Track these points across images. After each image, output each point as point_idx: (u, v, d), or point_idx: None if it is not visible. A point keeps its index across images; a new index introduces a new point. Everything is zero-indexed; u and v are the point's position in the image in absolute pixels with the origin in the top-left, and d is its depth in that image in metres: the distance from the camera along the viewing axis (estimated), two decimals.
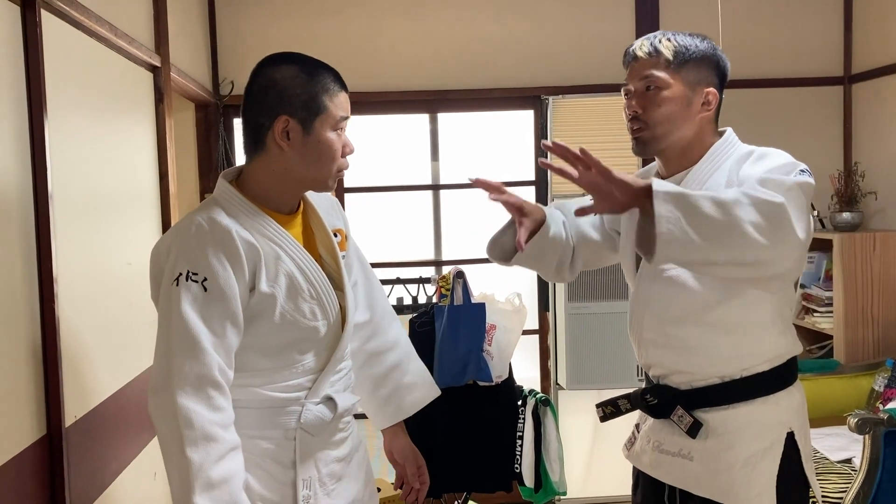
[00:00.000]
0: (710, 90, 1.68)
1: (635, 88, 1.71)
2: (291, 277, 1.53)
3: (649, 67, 1.68)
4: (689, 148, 1.70)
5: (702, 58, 1.68)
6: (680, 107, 1.67)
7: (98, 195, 2.14)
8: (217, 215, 1.48)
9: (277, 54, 1.57)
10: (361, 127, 3.92)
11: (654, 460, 1.77)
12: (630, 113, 1.72)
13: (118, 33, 2.24)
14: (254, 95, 1.54)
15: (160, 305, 1.47)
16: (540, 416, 3.14)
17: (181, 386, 1.39)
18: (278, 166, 1.53)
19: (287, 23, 3.73)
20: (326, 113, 1.52)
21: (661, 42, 1.68)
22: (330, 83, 1.55)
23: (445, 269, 3.75)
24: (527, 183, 3.96)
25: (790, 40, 3.93)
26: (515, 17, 3.83)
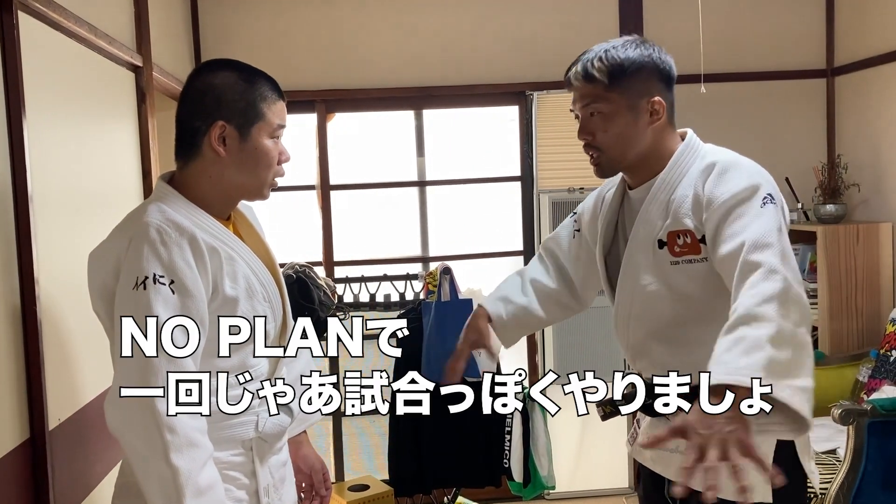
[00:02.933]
0: (654, 99, 1.65)
1: (580, 115, 1.70)
2: (248, 280, 1.52)
3: (587, 93, 1.66)
4: (650, 158, 1.68)
5: (638, 69, 1.64)
6: (627, 125, 1.65)
7: (80, 195, 2.13)
8: (174, 217, 1.45)
9: (216, 60, 1.55)
10: (346, 124, 3.91)
11: (653, 455, 1.78)
12: (582, 140, 1.71)
13: (98, 34, 2.23)
14: (190, 99, 1.52)
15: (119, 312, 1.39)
16: (528, 411, 3.15)
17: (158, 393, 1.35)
18: (214, 172, 1.51)
19: (270, 21, 3.72)
20: (264, 120, 1.51)
21: (592, 65, 1.65)
22: (268, 91, 1.53)
23: (432, 265, 3.75)
24: (512, 178, 3.97)
25: (773, 33, 3.94)
26: (500, 13, 3.83)
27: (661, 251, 1.64)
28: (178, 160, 1.54)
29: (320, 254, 3.86)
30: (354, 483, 3.21)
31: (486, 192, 4.01)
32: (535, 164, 3.82)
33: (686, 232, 1.61)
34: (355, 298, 3.28)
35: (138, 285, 1.38)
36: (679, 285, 1.64)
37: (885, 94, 3.57)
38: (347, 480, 3.30)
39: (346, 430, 3.55)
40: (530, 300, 1.98)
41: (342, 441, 3.55)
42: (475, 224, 4.03)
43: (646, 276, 1.67)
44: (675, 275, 1.63)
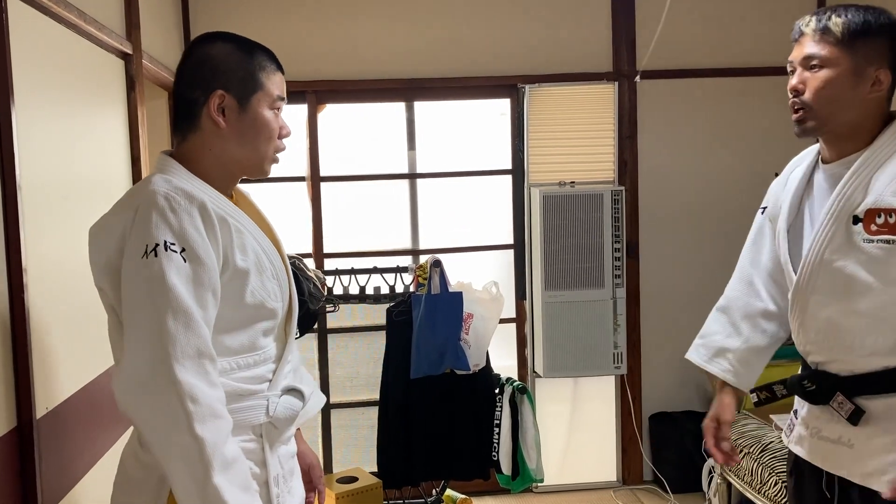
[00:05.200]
0: (881, 70, 1.57)
1: (799, 66, 1.62)
2: (257, 254, 1.47)
3: (814, 44, 1.59)
4: (855, 131, 1.60)
5: (876, 34, 1.56)
6: (845, 88, 1.57)
7: (68, 183, 2.11)
8: (182, 185, 1.40)
9: (212, 32, 1.52)
10: (337, 115, 3.90)
11: (812, 447, 1.72)
12: (790, 91, 1.63)
13: (87, 19, 2.21)
14: (187, 71, 1.48)
15: (130, 282, 1.33)
16: (517, 404, 3.15)
17: (180, 361, 1.28)
18: (215, 146, 1.46)
19: (261, 10, 3.70)
20: (263, 90, 1.47)
21: (830, 18, 1.58)
22: (266, 61, 1.49)
23: (423, 258, 3.74)
24: (503, 172, 3.96)
25: (764, 28, 3.94)
26: (491, 5, 3.82)
27: (856, 227, 1.57)
28: (175, 135, 1.49)
29: (310, 245, 3.85)
30: (343, 475, 3.20)
31: (477, 186, 4.00)
32: (526, 158, 3.82)
33: (890, 211, 1.52)
34: (345, 291, 3.27)
35: (148, 253, 1.31)
36: (868, 264, 1.56)
37: None
38: (336, 473, 3.30)
39: (335, 422, 3.55)
40: (748, 336, 1.88)
41: (331, 433, 3.54)
42: (466, 217, 4.03)
43: (833, 251, 1.60)
44: (868, 253, 1.56)
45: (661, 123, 3.93)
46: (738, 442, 3.20)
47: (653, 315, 3.98)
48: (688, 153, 3.96)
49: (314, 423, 3.56)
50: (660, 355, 4.00)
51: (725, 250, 4.08)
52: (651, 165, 3.93)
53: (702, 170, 3.95)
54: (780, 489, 2.85)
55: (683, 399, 4.02)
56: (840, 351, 1.64)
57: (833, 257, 1.60)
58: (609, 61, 3.88)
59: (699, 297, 4.02)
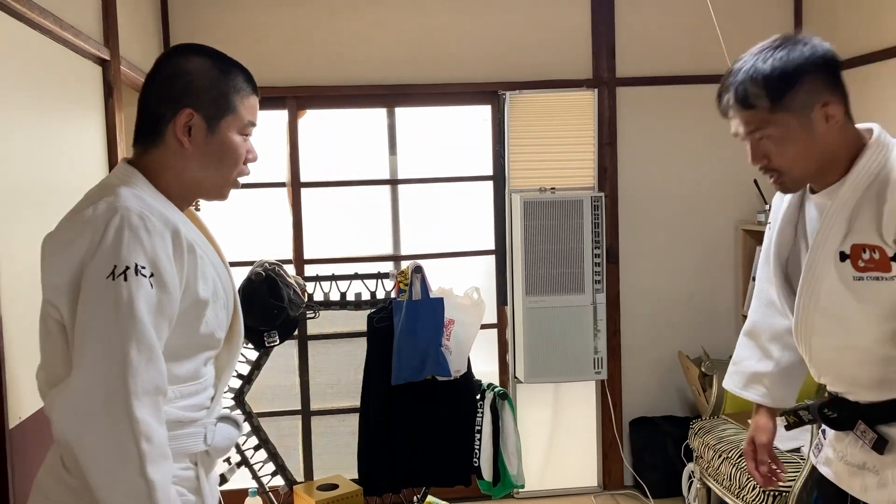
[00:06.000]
0: (826, 104, 1.49)
1: (747, 139, 1.55)
2: (215, 283, 1.43)
3: (749, 121, 1.52)
4: (833, 164, 1.54)
5: (799, 78, 1.48)
6: (804, 142, 1.50)
7: (44, 189, 2.09)
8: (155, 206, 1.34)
9: (190, 44, 1.46)
10: (318, 121, 3.89)
11: (839, 471, 1.69)
12: (756, 165, 1.57)
13: (64, 25, 2.19)
14: (157, 83, 1.40)
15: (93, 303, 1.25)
16: (498, 409, 3.16)
17: (139, 397, 1.22)
18: (177, 164, 1.40)
19: (242, 16, 3.68)
20: (235, 114, 1.41)
21: (747, 90, 1.50)
22: (242, 83, 1.44)
23: (404, 263, 3.74)
24: (484, 178, 3.97)
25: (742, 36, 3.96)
26: (472, 12, 3.83)
27: (843, 264, 1.51)
28: (136, 146, 1.42)
29: (290, 252, 3.83)
30: (323, 482, 3.19)
31: (459, 192, 4.01)
32: (507, 164, 3.83)
33: (874, 247, 1.48)
34: (326, 297, 3.26)
35: (116, 275, 1.25)
36: (864, 301, 1.51)
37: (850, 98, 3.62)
38: (316, 480, 3.28)
39: (316, 429, 3.53)
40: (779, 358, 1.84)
41: (311, 440, 3.53)
42: (447, 223, 4.03)
43: (827, 289, 1.55)
44: (860, 291, 1.51)
45: (640, 130, 3.95)
46: (717, 447, 3.22)
47: (633, 320, 3.99)
48: (667, 159, 3.99)
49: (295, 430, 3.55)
50: (640, 360, 4.02)
51: (705, 255, 4.12)
52: (631, 172, 3.95)
53: (681, 176, 3.98)
54: (757, 493, 2.87)
55: (664, 404, 4.04)
56: (851, 384, 1.62)
57: (826, 298, 1.56)
58: (589, 68, 3.90)
59: (679, 303, 4.05)
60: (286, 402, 3.53)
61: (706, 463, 3.31)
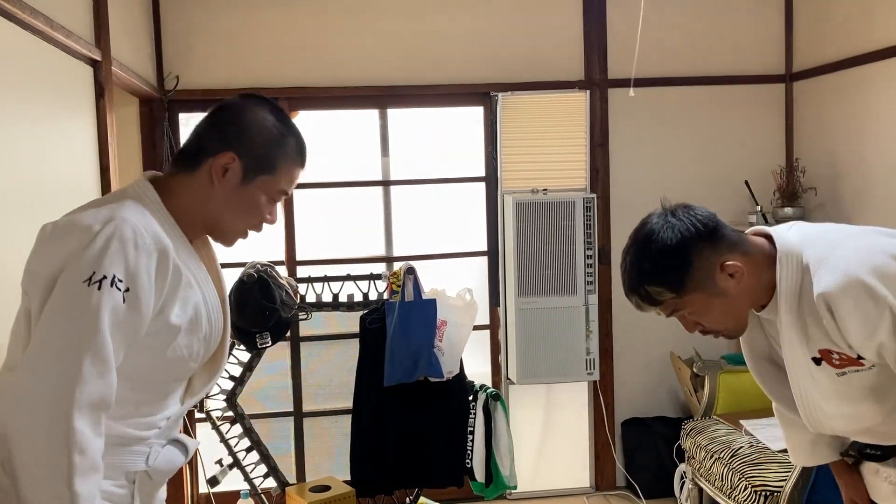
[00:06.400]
0: (726, 265, 1.51)
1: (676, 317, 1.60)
2: (197, 312, 1.41)
3: (665, 311, 1.57)
4: (758, 298, 1.57)
5: (689, 259, 1.51)
6: (721, 305, 1.53)
7: (32, 190, 2.08)
8: (152, 224, 1.35)
9: (262, 97, 1.48)
10: (310, 122, 3.89)
11: (885, 492, 1.74)
12: (692, 333, 1.62)
13: (55, 26, 2.18)
14: (216, 119, 1.45)
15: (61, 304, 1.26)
16: (490, 411, 3.16)
17: (82, 408, 1.21)
18: (200, 195, 1.42)
19: (234, 17, 3.67)
20: (273, 177, 1.44)
21: (647, 291, 1.53)
22: (293, 152, 1.46)
23: (396, 265, 3.74)
24: (477, 179, 3.98)
25: (733, 38, 4.00)
26: (464, 13, 3.83)
27: (822, 366, 1.54)
28: (173, 166, 1.45)
29: (283, 253, 3.83)
30: (316, 484, 3.18)
31: (451, 193, 4.01)
32: (499, 165, 3.83)
33: (837, 352, 1.50)
34: (318, 298, 3.25)
35: (92, 282, 1.25)
36: (857, 390, 1.54)
37: (841, 99, 3.65)
38: (309, 481, 3.28)
39: (308, 430, 3.53)
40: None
41: (303, 442, 3.52)
42: (439, 224, 4.03)
43: (819, 391, 1.57)
44: (849, 382, 1.53)
45: (632, 131, 3.96)
46: (709, 447, 3.23)
47: (625, 321, 4.00)
48: (659, 161, 4.00)
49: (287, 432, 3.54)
50: (632, 361, 4.02)
51: None
52: (622, 173, 3.96)
53: (672, 177, 3.99)
54: (749, 494, 2.88)
55: (656, 405, 4.05)
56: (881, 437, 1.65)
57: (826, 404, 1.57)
58: (580, 70, 3.91)
59: None
60: (278, 404, 3.53)
61: (698, 463, 3.32)
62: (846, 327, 1.44)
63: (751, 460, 2.98)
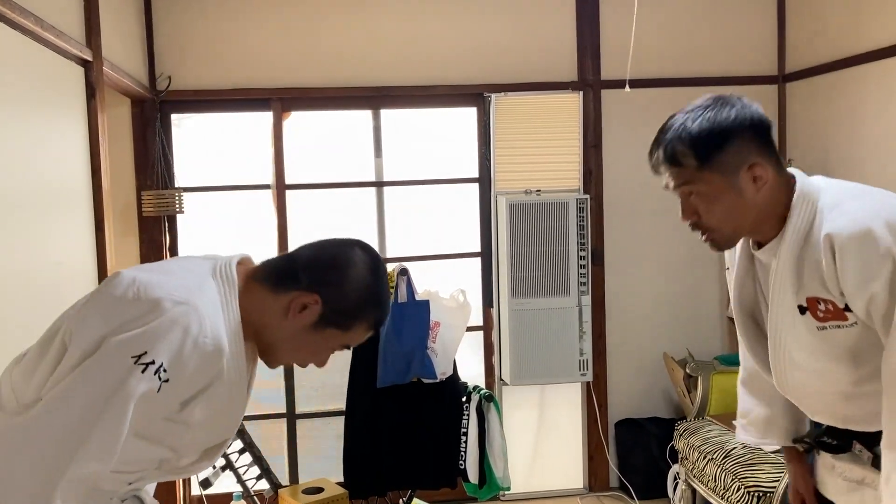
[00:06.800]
0: (755, 166, 1.49)
1: (678, 196, 1.57)
2: (219, 415, 1.39)
3: (678, 178, 1.54)
4: (767, 221, 1.55)
5: (727, 139, 1.49)
6: (732, 202, 1.50)
7: (21, 191, 2.07)
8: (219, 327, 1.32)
9: (372, 252, 1.45)
10: (303, 123, 3.88)
11: (838, 487, 1.69)
12: (686, 222, 1.58)
13: (45, 26, 2.17)
14: (321, 256, 1.44)
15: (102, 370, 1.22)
16: (484, 412, 3.15)
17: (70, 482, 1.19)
18: (272, 317, 1.40)
19: (227, 17, 3.66)
20: (344, 333, 1.43)
21: (675, 148, 1.52)
22: (372, 319, 1.44)
23: (389, 266, 3.73)
24: (470, 180, 3.97)
25: (726, 39, 4.01)
26: (458, 14, 3.83)
27: (804, 317, 1.52)
28: (260, 271, 1.44)
29: (275, 254, 3.81)
30: (309, 486, 3.17)
31: (444, 194, 4.01)
32: (492, 166, 3.83)
33: (825, 300, 1.48)
34: None
35: (140, 362, 1.22)
36: (833, 349, 1.52)
37: (834, 100, 3.65)
38: (302, 483, 3.27)
39: (301, 432, 3.52)
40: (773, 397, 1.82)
41: (296, 443, 3.51)
42: (433, 225, 4.03)
43: (796, 344, 1.56)
44: (827, 339, 1.52)
45: (625, 132, 3.97)
46: (702, 448, 3.23)
47: (618, 322, 4.00)
48: None
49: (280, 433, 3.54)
50: (625, 362, 4.03)
51: (689, 257, 4.13)
52: (616, 174, 3.96)
53: None
54: (742, 495, 2.88)
55: (649, 405, 4.05)
56: (845, 420, 1.62)
57: (798, 354, 1.56)
58: (574, 71, 3.91)
59: (663, 305, 4.06)
60: (271, 406, 3.52)
61: (691, 464, 3.32)
62: (844, 270, 1.43)
63: (744, 461, 2.99)
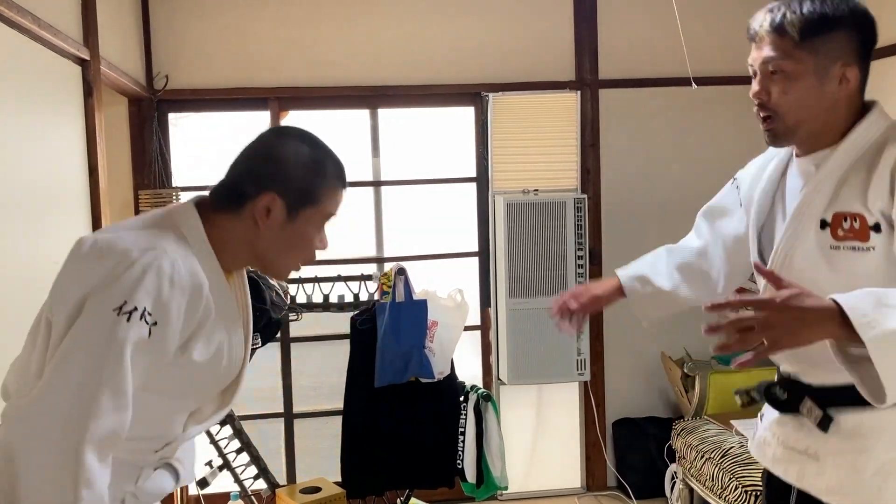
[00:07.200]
0: (847, 67, 1.46)
1: (759, 71, 1.51)
2: (219, 350, 1.39)
3: (772, 47, 1.48)
4: (826, 130, 1.51)
5: (836, 28, 1.45)
6: (810, 91, 1.47)
7: (18, 190, 2.06)
8: (193, 264, 1.32)
9: (291, 129, 1.44)
10: (300, 122, 3.87)
11: (777, 455, 1.64)
12: (753, 98, 1.53)
13: (42, 25, 2.17)
14: (251, 158, 1.41)
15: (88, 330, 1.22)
16: (481, 411, 3.15)
17: (94, 442, 1.19)
18: (247, 237, 1.39)
19: (223, 16, 3.66)
20: (317, 206, 1.40)
21: (785, 16, 1.46)
22: (333, 178, 1.42)
23: (387, 265, 3.73)
24: (468, 179, 3.97)
25: (726, 38, 4.00)
26: (455, 14, 3.82)
27: (823, 232, 1.48)
28: (212, 202, 1.40)
29: None
30: (306, 485, 3.17)
31: (442, 193, 4.00)
32: (490, 166, 3.83)
33: (855, 216, 1.44)
34: (308, 299, 3.24)
35: (122, 311, 1.22)
36: (836, 273, 1.47)
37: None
38: (299, 483, 3.26)
39: (299, 431, 3.52)
40: (676, 285, 1.86)
41: (294, 443, 3.51)
42: (430, 225, 4.03)
43: (801, 257, 1.52)
44: (834, 261, 1.47)
45: (623, 132, 3.97)
46: (700, 447, 3.24)
47: (616, 322, 4.00)
48: (650, 161, 4.00)
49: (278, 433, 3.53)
50: (623, 362, 4.03)
51: None
52: (613, 173, 3.97)
53: (664, 178, 3.99)
54: (740, 494, 2.88)
55: (646, 405, 4.06)
56: (808, 362, 1.56)
57: (798, 263, 1.52)
58: (571, 70, 3.91)
59: None
60: (269, 405, 3.51)
61: (689, 463, 3.33)
62: None
63: (741, 460, 2.99)
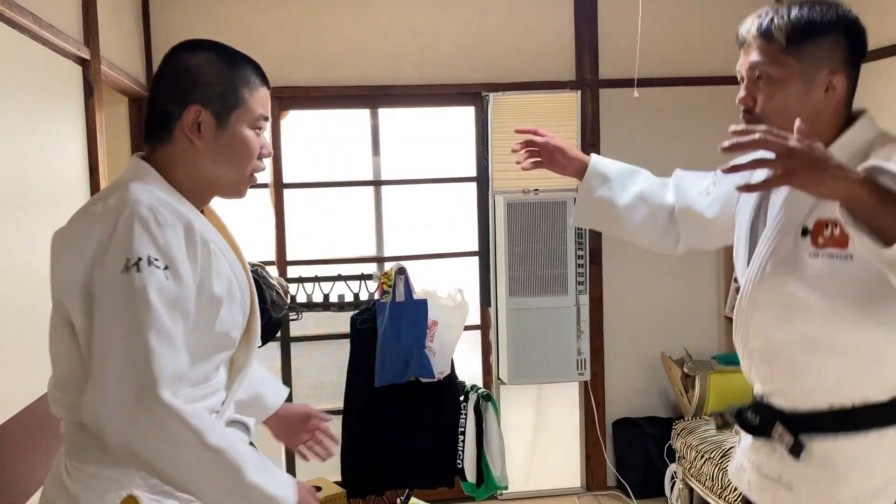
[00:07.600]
0: (834, 74, 1.44)
1: (745, 76, 1.50)
2: (230, 280, 1.38)
3: (759, 52, 1.46)
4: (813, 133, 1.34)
5: (824, 34, 1.43)
6: (796, 96, 1.45)
7: (19, 190, 2.06)
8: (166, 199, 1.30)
9: (194, 40, 1.41)
10: (301, 121, 3.87)
11: (752, 481, 1.61)
12: (741, 105, 1.51)
13: (43, 24, 2.17)
14: (164, 80, 1.38)
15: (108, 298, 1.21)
16: (481, 411, 3.16)
17: (164, 388, 1.19)
18: (188, 161, 1.37)
19: (223, 15, 3.66)
20: (244, 107, 1.37)
21: (772, 21, 1.45)
22: (251, 76, 1.40)
23: (387, 265, 3.73)
24: (468, 179, 3.97)
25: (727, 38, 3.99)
26: (455, 13, 3.82)
27: (804, 240, 1.45)
28: (147, 144, 1.39)
29: (273, 253, 3.81)
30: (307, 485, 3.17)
31: (442, 193, 4.01)
32: (490, 166, 3.83)
33: (836, 222, 1.38)
34: (308, 299, 3.24)
35: (129, 267, 1.21)
36: (812, 281, 1.44)
37: None
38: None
39: None
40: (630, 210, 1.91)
41: None
42: (431, 224, 4.03)
43: (776, 263, 1.48)
44: (812, 269, 1.43)
45: (623, 132, 3.97)
46: (700, 448, 3.24)
47: (616, 321, 4.01)
48: (650, 161, 3.98)
49: None
50: (623, 362, 4.03)
51: (686, 257, 4.13)
52: None
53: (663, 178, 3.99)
54: (739, 494, 2.88)
55: (647, 405, 4.06)
56: (783, 381, 1.54)
57: (775, 271, 1.49)
58: (572, 70, 3.91)
59: (661, 304, 4.07)
60: None
61: (689, 463, 3.33)
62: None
63: None
